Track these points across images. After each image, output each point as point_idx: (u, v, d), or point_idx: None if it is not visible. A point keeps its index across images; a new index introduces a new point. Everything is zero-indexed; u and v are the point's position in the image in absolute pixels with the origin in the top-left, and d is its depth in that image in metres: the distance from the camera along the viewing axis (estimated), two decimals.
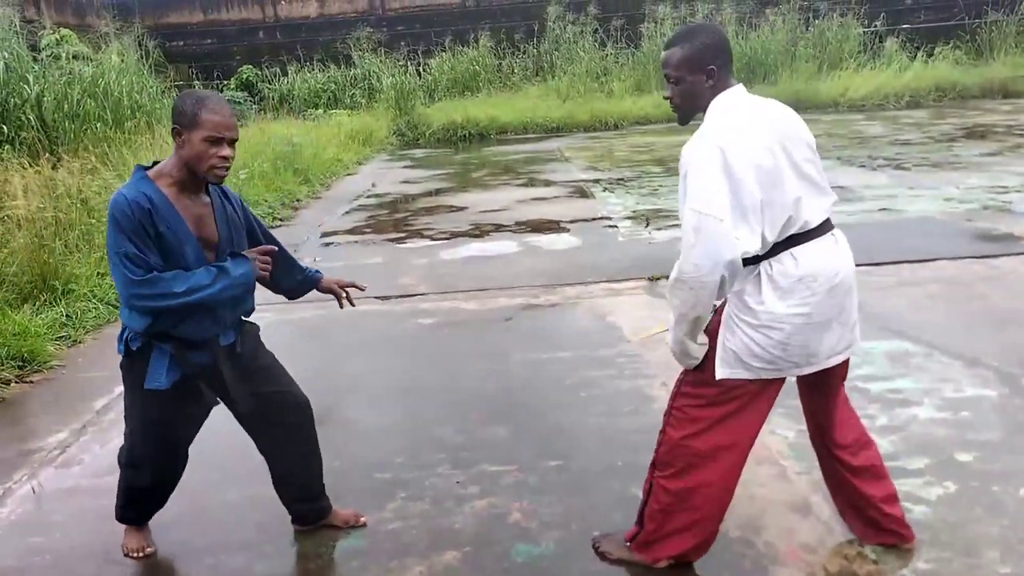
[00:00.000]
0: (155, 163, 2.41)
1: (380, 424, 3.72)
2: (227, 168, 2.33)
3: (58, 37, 12.85)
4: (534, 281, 5.83)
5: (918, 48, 18.89)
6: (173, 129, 2.31)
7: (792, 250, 2.12)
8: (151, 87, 11.75)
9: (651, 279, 5.64)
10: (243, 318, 2.59)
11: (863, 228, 6.62)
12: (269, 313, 5.11)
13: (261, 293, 2.65)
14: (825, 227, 2.18)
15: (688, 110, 2.26)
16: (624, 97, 18.00)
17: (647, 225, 7.37)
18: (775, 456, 3.11)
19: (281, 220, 8.91)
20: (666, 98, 2.28)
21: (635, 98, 17.86)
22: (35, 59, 10.34)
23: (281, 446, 2.69)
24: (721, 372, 2.20)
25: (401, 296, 5.73)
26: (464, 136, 16.41)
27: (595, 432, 3.48)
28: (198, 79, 17.69)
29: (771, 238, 2.10)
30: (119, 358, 2.53)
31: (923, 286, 4.99)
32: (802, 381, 2.42)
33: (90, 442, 3.74)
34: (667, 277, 5.75)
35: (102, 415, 4.02)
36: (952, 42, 19.24)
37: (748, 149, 2.05)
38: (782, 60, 18.68)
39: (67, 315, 5.29)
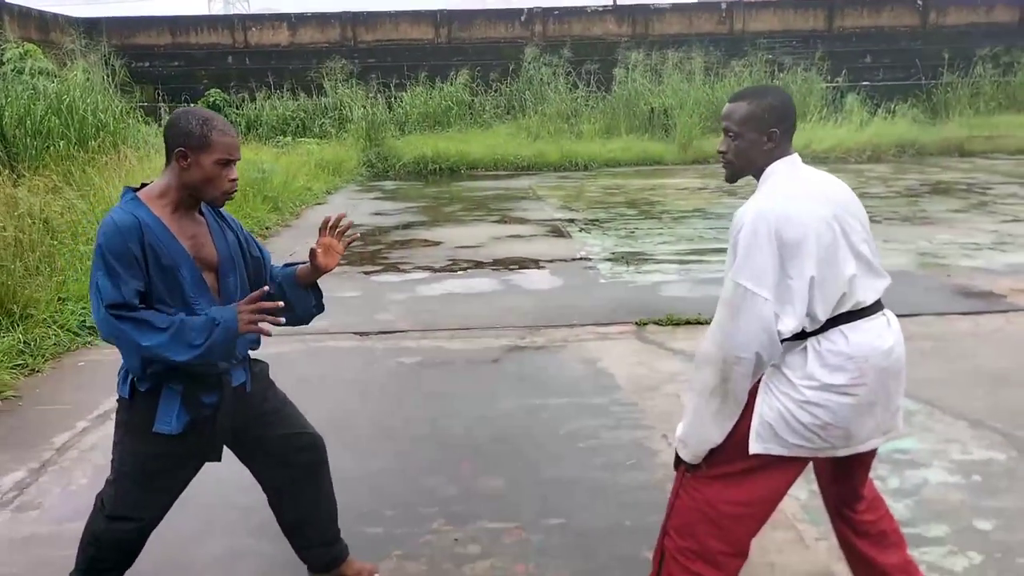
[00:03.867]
0: (143, 185, 2.27)
1: (367, 471, 3.50)
2: (236, 190, 2.26)
3: (22, 51, 12.45)
4: (518, 321, 5.68)
5: (878, 105, 19.46)
6: (178, 151, 2.16)
7: (843, 327, 2.03)
8: (116, 107, 11.42)
9: (638, 324, 5.53)
10: (251, 356, 2.42)
11: None
12: None
13: None
14: (877, 307, 2.09)
15: (740, 169, 2.18)
16: (593, 139, 18.13)
17: (628, 266, 7.30)
18: (790, 520, 2.98)
19: None
20: (720, 152, 2.19)
21: (604, 141, 18.01)
22: None
23: (295, 491, 2.50)
24: (755, 447, 2.06)
25: (381, 332, 5.52)
26: (434, 170, 16.30)
27: (597, 488, 3.31)
28: (164, 101, 17.28)
29: (822, 316, 2.00)
30: (80, 390, 2.34)
31: (914, 341, 4.90)
32: (828, 459, 2.29)
33: (50, 484, 3.45)
34: (656, 322, 5.67)
35: (63, 453, 3.72)
36: (910, 100, 19.88)
37: (805, 223, 1.98)
38: None
39: (25, 342, 4.95)
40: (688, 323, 5.51)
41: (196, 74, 19.84)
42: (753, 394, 2.08)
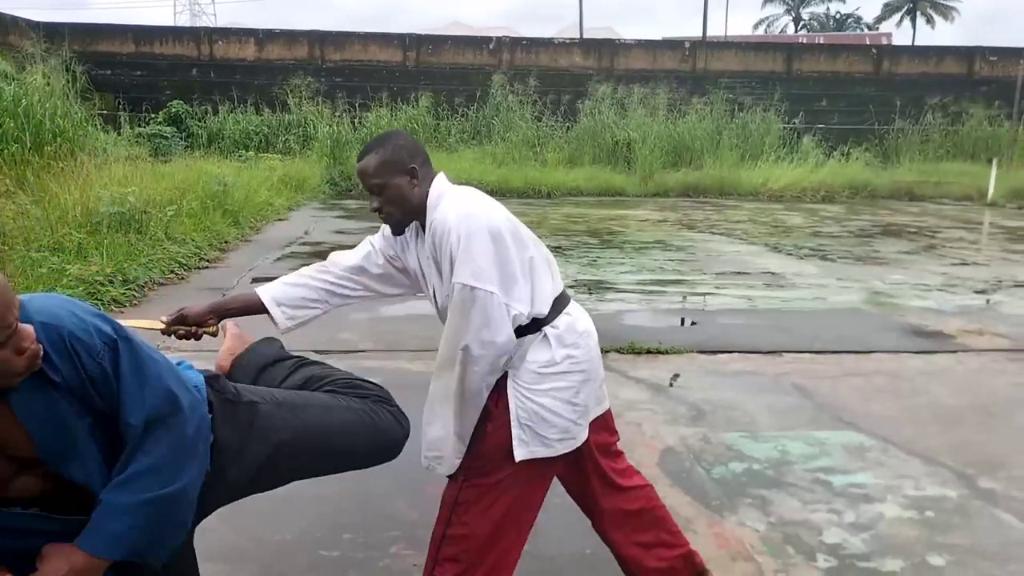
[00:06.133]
0: None
1: (325, 494, 3.43)
2: None
3: None
4: None
5: (832, 147, 20.06)
6: None
7: (567, 309, 2.17)
8: (75, 113, 11.21)
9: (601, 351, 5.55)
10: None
11: (801, 315, 6.78)
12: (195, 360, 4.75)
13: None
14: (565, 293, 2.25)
15: (403, 216, 2.20)
16: (557, 168, 18.36)
17: (590, 294, 7.36)
18: (749, 552, 3.00)
19: (208, 262, 8.49)
20: (375, 210, 2.19)
21: (567, 170, 18.24)
22: None
23: None
24: (520, 453, 2.11)
25: (342, 351, 5.46)
26: None
27: (560, 514, 3.28)
28: (124, 110, 17.05)
29: (551, 294, 2.13)
30: None
31: (867, 377, 5.07)
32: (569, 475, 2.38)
33: None
34: (617, 350, 5.67)
35: None
36: (863, 144, 20.53)
37: (503, 213, 2.09)
38: (708, 147, 19.48)
39: None
40: (649, 352, 5.55)
41: (159, 84, 19.62)
42: (500, 405, 2.12)
